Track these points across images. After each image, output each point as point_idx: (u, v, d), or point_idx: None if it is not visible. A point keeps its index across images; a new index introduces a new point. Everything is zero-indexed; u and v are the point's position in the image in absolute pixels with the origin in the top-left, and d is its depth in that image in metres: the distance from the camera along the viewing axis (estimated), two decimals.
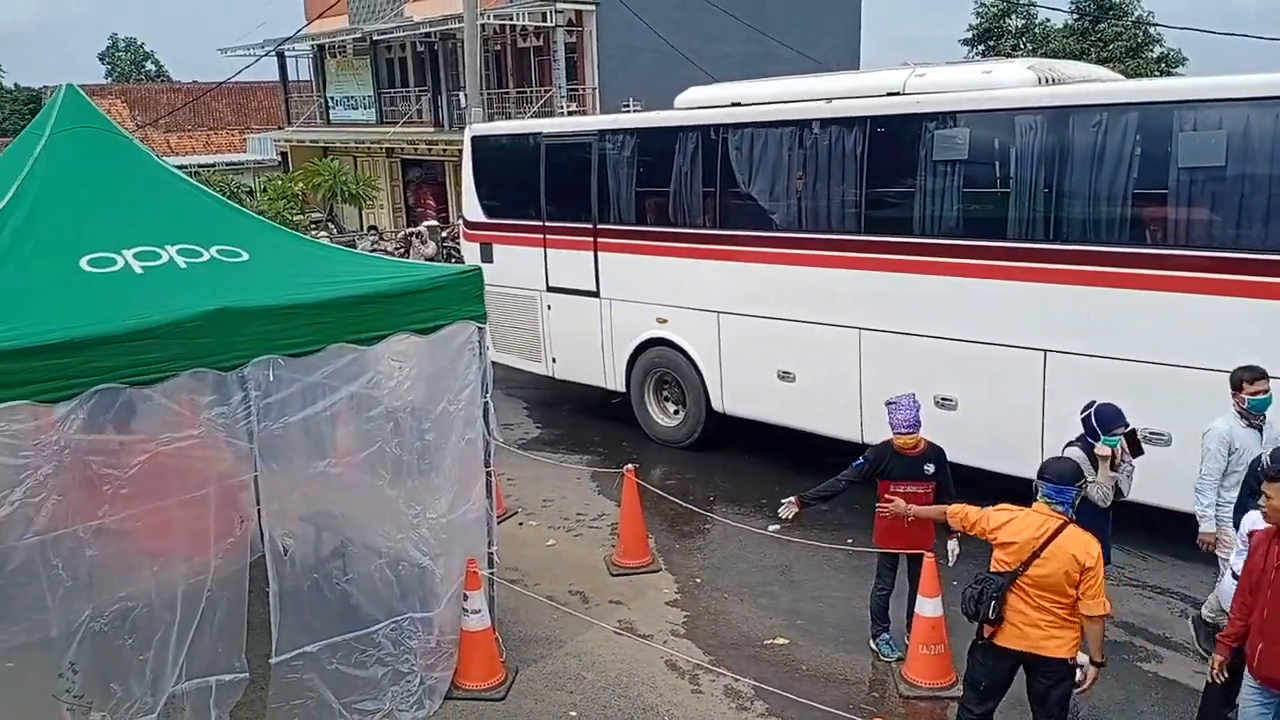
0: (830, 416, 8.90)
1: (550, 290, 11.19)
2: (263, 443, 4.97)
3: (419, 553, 5.70)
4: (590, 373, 11.17)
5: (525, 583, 7.35)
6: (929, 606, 5.87)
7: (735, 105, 9.51)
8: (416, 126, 28.24)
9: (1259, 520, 4.61)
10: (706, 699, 5.98)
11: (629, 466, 7.91)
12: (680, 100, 10.29)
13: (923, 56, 9.62)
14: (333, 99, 32.07)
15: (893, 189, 8.33)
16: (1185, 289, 6.80)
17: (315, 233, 21.90)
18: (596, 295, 10.70)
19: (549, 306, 11.27)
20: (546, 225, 11.05)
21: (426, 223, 22.91)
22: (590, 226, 10.58)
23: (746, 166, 9.21)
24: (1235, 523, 5.50)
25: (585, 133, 10.71)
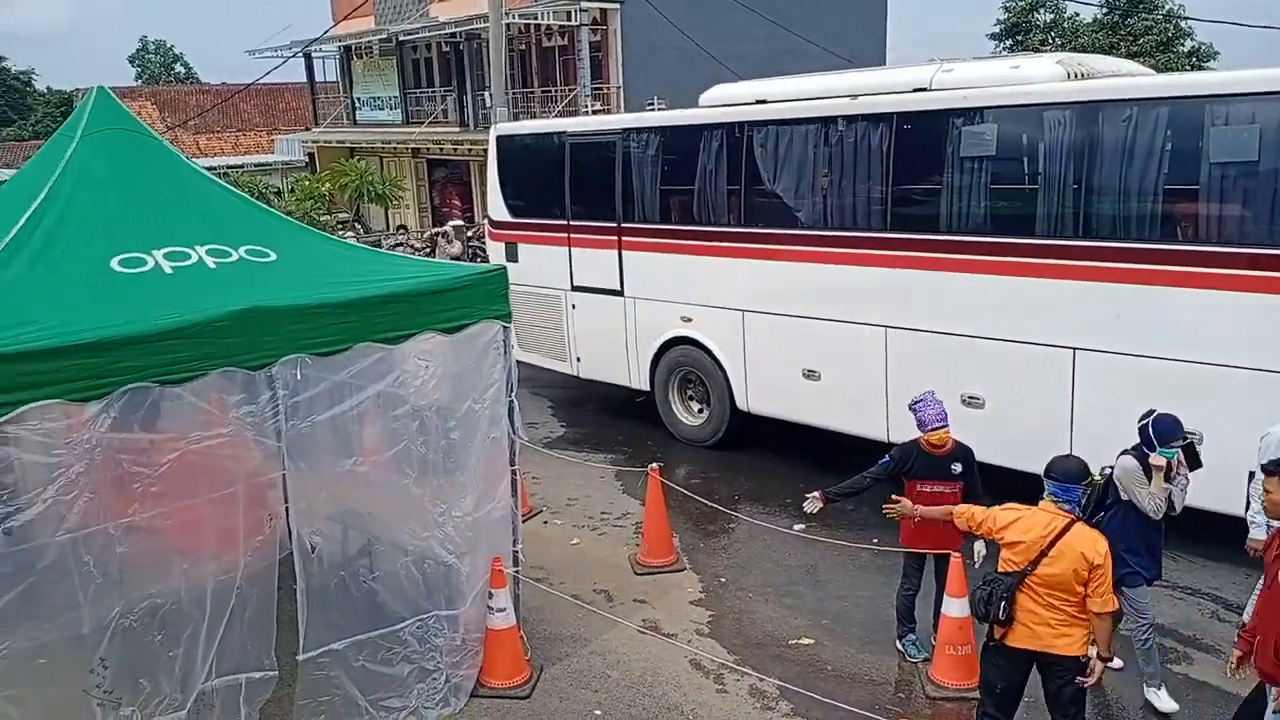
0: (856, 415, 8.86)
1: (575, 289, 11.20)
2: (291, 441, 5.00)
3: (445, 551, 5.72)
4: (615, 372, 11.18)
5: (550, 581, 7.37)
6: (956, 607, 5.82)
7: (760, 103, 9.48)
8: (442, 126, 28.36)
9: None
10: (731, 698, 5.97)
11: (653, 465, 7.90)
12: (705, 98, 10.27)
13: (950, 52, 9.58)
14: (359, 99, 32.29)
15: (919, 186, 8.27)
16: (1216, 286, 6.71)
17: (342, 233, 22.02)
18: (621, 294, 10.70)
19: (573, 305, 11.29)
20: (571, 224, 11.07)
21: (452, 222, 23.01)
22: (614, 225, 10.58)
23: (772, 164, 9.18)
24: None
25: (609, 131, 10.72)
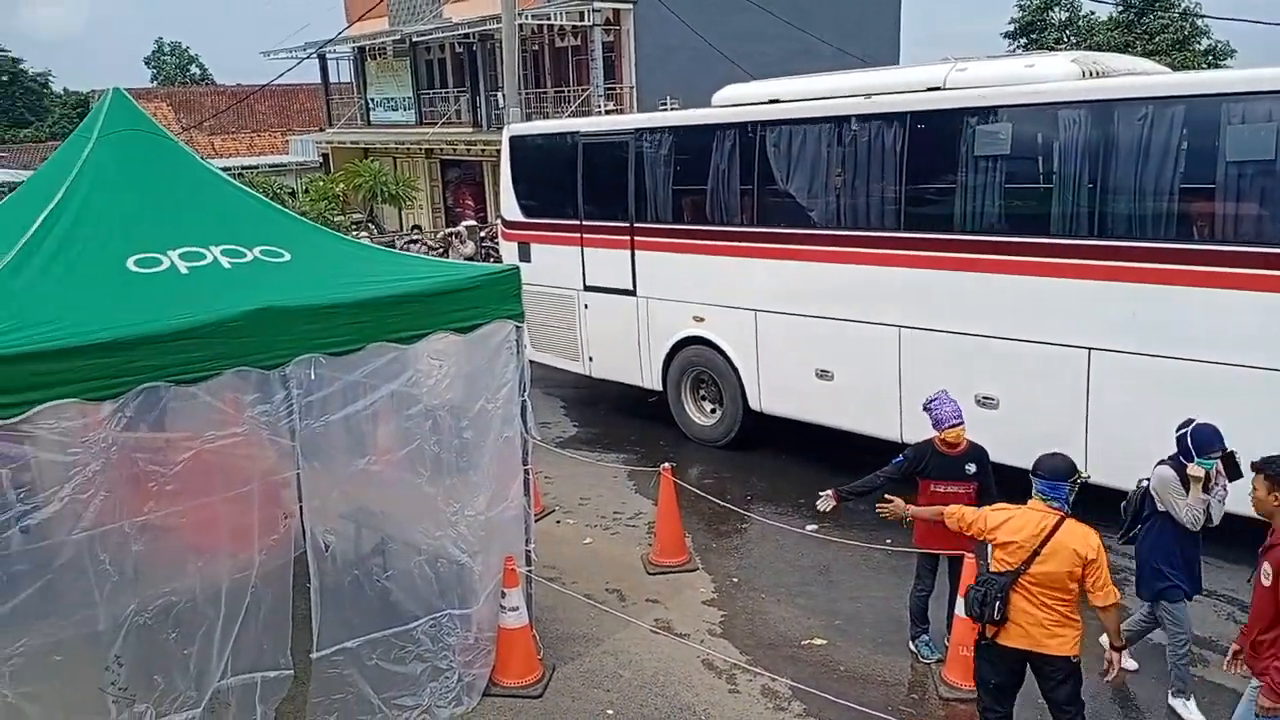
0: (869, 415, 8.83)
1: (587, 289, 11.21)
2: (304, 440, 5.02)
3: (457, 550, 5.74)
4: (627, 371, 11.18)
5: (563, 581, 7.37)
6: None
7: (774, 102, 9.46)
8: (455, 127, 28.41)
9: None
10: (743, 699, 5.96)
11: (666, 465, 7.90)
12: (718, 98, 10.27)
13: (964, 51, 9.54)
14: (373, 100, 32.38)
15: (934, 185, 8.25)
16: (1233, 285, 6.66)
17: (356, 233, 22.08)
18: (633, 294, 10.71)
19: (586, 305, 11.30)
20: (583, 224, 11.08)
21: (465, 223, 23.01)
22: (627, 225, 10.59)
23: (785, 164, 9.16)
24: None
25: (622, 131, 10.72)
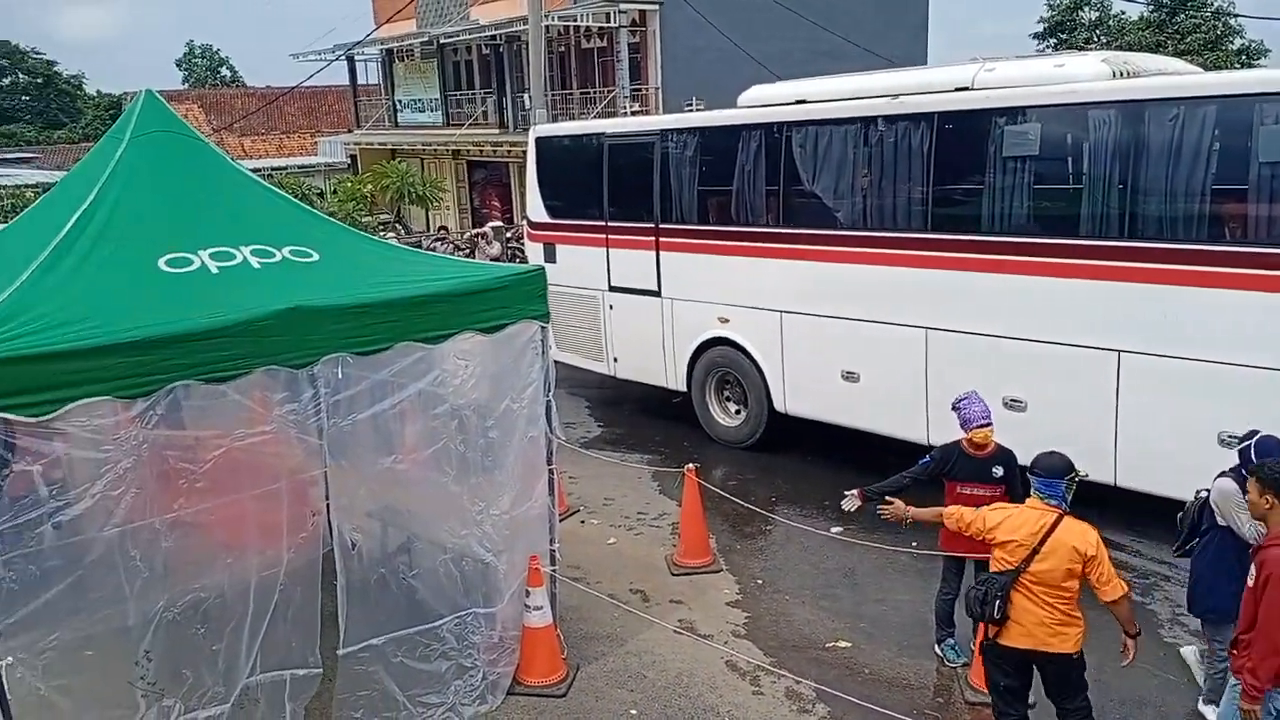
0: (895, 418, 8.79)
1: (612, 290, 11.22)
2: (332, 439, 5.06)
3: (482, 549, 5.76)
4: (652, 372, 11.18)
5: (587, 580, 7.39)
6: None
7: (800, 103, 9.43)
8: (482, 128, 28.55)
9: None
10: (767, 700, 5.95)
11: (690, 466, 7.90)
12: (744, 99, 10.25)
13: (992, 51, 9.47)
14: (400, 102, 32.59)
15: (961, 186, 8.19)
16: (1266, 288, 6.56)
17: (383, 234, 22.24)
18: (658, 295, 10.71)
19: (611, 306, 11.31)
20: (609, 225, 11.09)
21: (491, 223, 23.15)
22: (652, 226, 10.59)
23: (811, 164, 9.13)
24: None
25: (648, 132, 10.72)
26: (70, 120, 59.39)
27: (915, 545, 7.14)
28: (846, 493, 6.18)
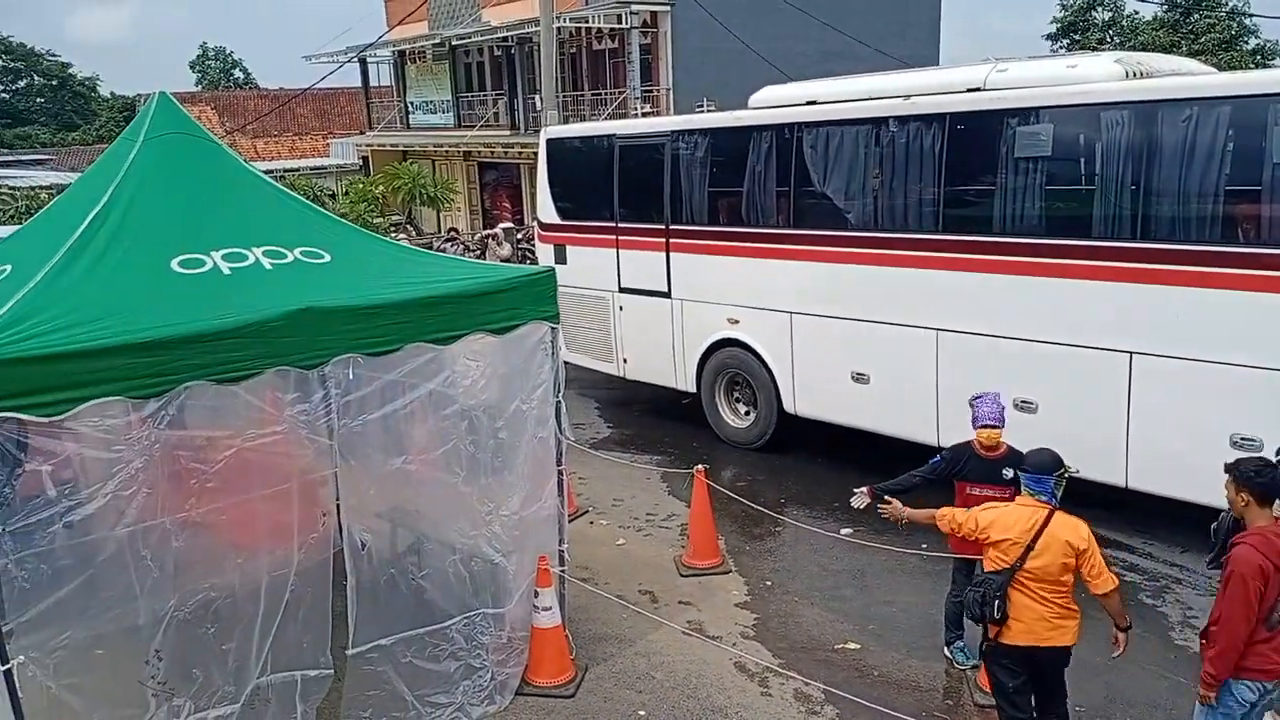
0: (905, 419, 8.76)
1: (622, 291, 11.23)
2: (342, 439, 5.08)
3: (492, 549, 5.78)
4: (661, 373, 11.18)
5: (595, 581, 7.39)
6: None
7: (811, 104, 9.43)
8: (493, 130, 28.60)
9: None
10: (776, 702, 5.94)
11: (699, 467, 7.89)
12: (755, 99, 10.24)
13: (1005, 52, 9.44)
14: (412, 104, 32.69)
15: (973, 187, 8.17)
16: (1278, 289, 6.53)
17: (395, 235, 22.30)
18: (668, 296, 10.71)
19: (621, 307, 11.31)
20: (619, 226, 11.10)
21: (502, 225, 23.17)
22: (662, 227, 10.59)
23: (822, 165, 9.12)
24: None
25: (658, 134, 10.73)
26: (85, 122, 59.79)
27: (925, 547, 7.12)
28: (856, 490, 6.18)
